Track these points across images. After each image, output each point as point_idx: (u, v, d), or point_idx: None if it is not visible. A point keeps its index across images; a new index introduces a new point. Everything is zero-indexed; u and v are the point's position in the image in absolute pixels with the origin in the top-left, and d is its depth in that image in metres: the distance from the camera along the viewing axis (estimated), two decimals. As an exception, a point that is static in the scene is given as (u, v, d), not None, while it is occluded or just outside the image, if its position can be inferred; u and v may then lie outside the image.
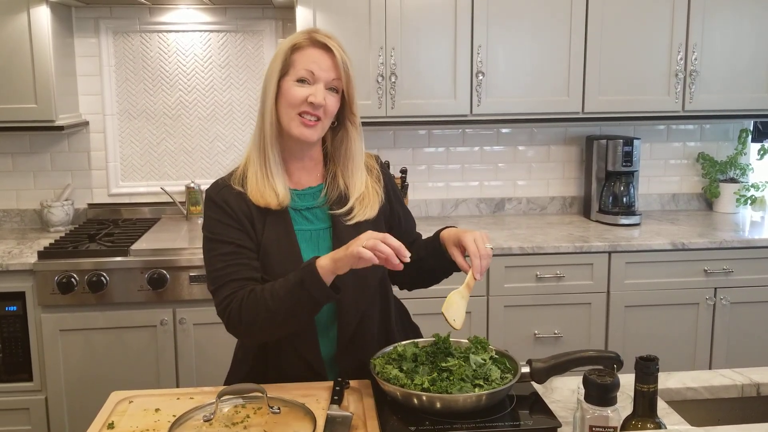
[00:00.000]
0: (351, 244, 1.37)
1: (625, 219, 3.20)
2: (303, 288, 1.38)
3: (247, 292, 1.46)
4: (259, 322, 1.44)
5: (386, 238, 1.35)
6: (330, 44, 1.51)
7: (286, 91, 1.52)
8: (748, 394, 1.54)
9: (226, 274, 1.50)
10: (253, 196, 1.55)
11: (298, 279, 1.39)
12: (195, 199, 3.27)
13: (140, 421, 1.36)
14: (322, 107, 1.51)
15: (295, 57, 1.52)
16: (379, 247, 1.33)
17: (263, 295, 1.43)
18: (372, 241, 1.34)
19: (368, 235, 1.36)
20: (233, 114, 3.36)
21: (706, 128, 3.56)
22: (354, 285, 1.55)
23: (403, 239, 1.43)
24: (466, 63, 3.00)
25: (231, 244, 1.52)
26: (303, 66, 1.51)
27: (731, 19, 3.08)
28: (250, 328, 1.46)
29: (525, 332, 2.91)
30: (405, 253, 1.35)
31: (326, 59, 1.51)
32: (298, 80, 1.51)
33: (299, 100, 1.50)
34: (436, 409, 1.31)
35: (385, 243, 1.33)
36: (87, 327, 2.70)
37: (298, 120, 1.52)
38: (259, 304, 1.43)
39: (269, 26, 3.30)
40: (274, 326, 1.46)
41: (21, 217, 3.31)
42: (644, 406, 1.08)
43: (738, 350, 2.99)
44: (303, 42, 1.52)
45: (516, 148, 3.49)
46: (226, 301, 1.48)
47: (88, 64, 3.26)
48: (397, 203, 1.73)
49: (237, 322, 1.46)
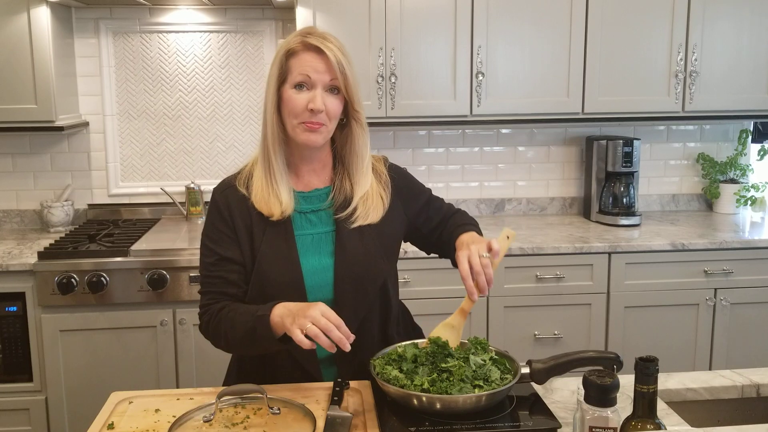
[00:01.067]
0: (300, 312, 1.35)
1: (625, 220, 3.20)
2: (255, 334, 1.44)
3: (217, 310, 1.52)
4: (221, 344, 1.55)
5: (331, 330, 1.32)
6: (323, 46, 1.50)
7: (287, 99, 1.52)
8: (748, 395, 1.54)
9: (207, 283, 1.58)
10: (257, 203, 1.55)
11: (252, 326, 1.44)
12: (195, 200, 3.27)
13: (140, 421, 1.36)
14: (323, 112, 1.51)
15: (290, 63, 1.51)
16: (320, 339, 1.31)
17: (225, 324, 1.50)
18: (314, 329, 1.31)
19: (315, 316, 1.33)
20: (233, 114, 3.36)
21: (706, 129, 3.57)
22: (353, 291, 1.55)
23: (436, 233, 1.65)
24: (466, 63, 3.00)
25: (216, 255, 1.56)
26: (299, 72, 1.50)
27: (731, 20, 3.08)
28: (217, 344, 1.57)
29: (525, 333, 2.91)
30: (346, 345, 1.33)
31: (320, 62, 1.50)
32: (296, 86, 1.51)
33: (300, 108, 1.50)
34: (436, 410, 1.31)
35: (329, 334, 1.31)
36: (87, 327, 2.70)
37: (302, 127, 1.52)
38: (221, 330, 1.51)
39: (269, 27, 3.30)
40: (235, 351, 1.60)
41: (21, 217, 3.31)
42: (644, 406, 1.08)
43: (738, 351, 2.99)
44: (297, 47, 1.51)
45: (516, 148, 3.49)
46: (202, 310, 1.58)
47: (88, 64, 3.26)
48: (418, 202, 1.71)
49: (206, 333, 1.58)
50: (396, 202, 1.65)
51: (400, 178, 1.69)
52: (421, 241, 1.76)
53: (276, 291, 1.52)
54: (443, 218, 1.72)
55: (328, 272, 1.56)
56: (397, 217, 1.65)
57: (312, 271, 1.55)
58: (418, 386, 1.33)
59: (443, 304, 2.73)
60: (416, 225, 1.70)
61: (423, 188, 1.74)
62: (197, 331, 2.70)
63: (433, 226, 1.71)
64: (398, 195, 1.66)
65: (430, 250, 1.77)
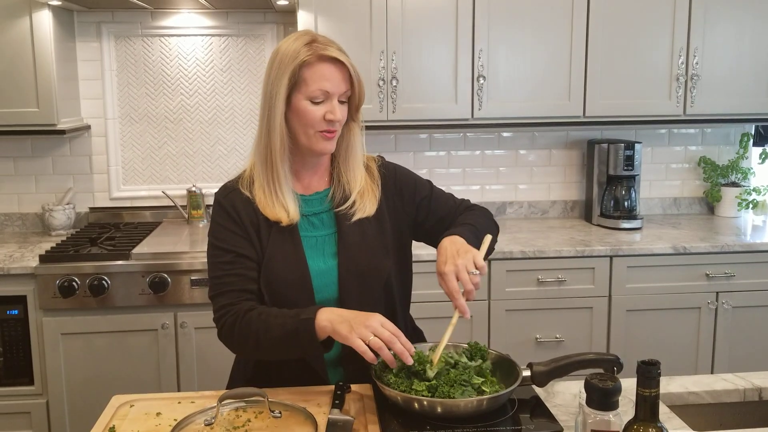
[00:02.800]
0: (359, 321, 1.34)
1: (626, 223, 3.20)
2: (296, 338, 1.40)
3: (243, 312, 1.47)
4: (248, 347, 1.49)
5: (393, 343, 1.32)
6: (341, 57, 1.49)
7: (301, 110, 1.50)
8: (750, 399, 1.54)
9: (224, 284, 1.52)
10: (264, 209, 1.55)
11: (294, 328, 1.40)
12: (196, 203, 3.28)
13: (141, 425, 1.36)
14: (339, 121, 1.52)
15: (305, 74, 1.48)
16: (383, 351, 1.32)
17: (257, 325, 1.44)
18: (377, 342, 1.31)
19: (376, 327, 1.33)
20: (235, 118, 3.36)
21: (708, 132, 3.56)
22: (357, 288, 1.56)
23: (441, 227, 1.60)
24: (467, 67, 3.00)
25: (231, 253, 1.53)
26: (317, 86, 1.48)
27: (732, 24, 3.08)
28: (240, 347, 1.52)
29: (526, 336, 2.90)
30: (408, 359, 1.33)
31: (337, 74, 1.50)
32: (311, 98, 1.49)
33: (317, 119, 1.50)
34: (437, 414, 1.31)
35: (392, 346, 1.32)
36: (88, 331, 2.70)
37: (319, 136, 1.52)
38: (251, 332, 1.45)
39: (271, 30, 3.31)
40: (261, 354, 1.53)
41: (22, 220, 3.32)
42: (646, 410, 1.08)
43: (740, 354, 2.98)
44: (310, 59, 1.48)
45: (517, 151, 3.49)
46: (221, 311, 1.50)
47: (90, 68, 3.26)
48: (416, 196, 1.68)
49: (228, 337, 1.50)
50: (392, 198, 1.65)
51: (393, 173, 1.68)
52: (430, 239, 1.71)
53: (284, 290, 1.52)
54: (449, 212, 1.69)
55: (332, 272, 1.57)
56: (395, 213, 1.65)
57: (317, 272, 1.56)
58: (418, 391, 1.32)
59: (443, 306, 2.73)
60: (418, 220, 1.68)
61: (421, 181, 1.71)
62: (198, 334, 2.73)
63: (436, 219, 1.67)
64: (393, 191, 1.66)
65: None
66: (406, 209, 1.67)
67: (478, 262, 1.42)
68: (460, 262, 1.41)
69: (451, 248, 1.46)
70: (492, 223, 1.68)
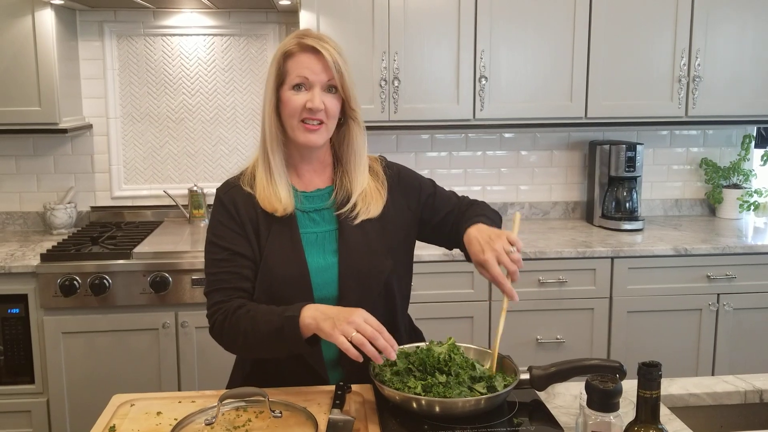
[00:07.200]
0: (342, 318, 1.32)
1: (627, 224, 3.20)
2: (281, 335, 1.40)
3: (234, 309, 1.48)
4: (237, 345, 1.50)
5: (376, 338, 1.29)
6: (319, 46, 1.52)
7: (285, 101, 1.54)
8: (751, 401, 1.54)
9: (217, 281, 1.54)
10: (262, 201, 1.57)
11: (279, 325, 1.40)
12: (198, 203, 3.28)
13: (142, 424, 1.36)
14: (322, 110, 1.53)
15: (288, 65, 1.54)
16: (366, 347, 1.29)
17: (246, 322, 1.45)
18: (359, 338, 1.29)
19: (359, 323, 1.31)
20: (236, 117, 3.37)
21: (709, 134, 3.56)
22: (357, 287, 1.56)
23: (447, 224, 1.62)
24: (469, 68, 3.00)
25: (227, 251, 1.55)
26: (296, 73, 1.52)
27: (734, 25, 3.08)
28: (230, 345, 1.52)
29: (527, 338, 2.90)
30: (392, 354, 1.31)
31: (317, 62, 1.52)
32: (293, 87, 1.53)
33: (298, 108, 1.52)
34: (436, 414, 1.31)
35: (375, 342, 1.29)
36: (89, 330, 2.71)
37: (301, 127, 1.54)
38: (240, 329, 1.46)
39: (273, 30, 3.31)
40: (250, 352, 1.53)
41: (24, 219, 3.32)
42: (647, 412, 1.08)
43: (741, 356, 2.98)
44: (293, 48, 1.53)
45: (519, 152, 3.49)
46: (213, 308, 1.52)
47: (92, 67, 3.26)
48: (421, 194, 1.69)
49: (219, 334, 1.52)
50: (397, 198, 1.66)
51: (397, 173, 1.70)
52: (436, 236, 1.73)
53: (282, 287, 1.52)
54: (453, 208, 1.70)
55: (333, 269, 1.57)
56: (399, 213, 1.66)
57: (317, 268, 1.56)
58: (412, 389, 1.32)
59: (444, 307, 2.75)
60: (424, 218, 1.69)
61: (424, 180, 1.73)
62: (199, 333, 2.74)
63: (441, 217, 1.69)
64: (398, 190, 1.67)
65: (450, 245, 1.72)
66: (411, 208, 1.68)
67: (512, 238, 1.43)
68: (498, 245, 1.41)
69: (481, 236, 1.47)
70: (496, 214, 1.71)
